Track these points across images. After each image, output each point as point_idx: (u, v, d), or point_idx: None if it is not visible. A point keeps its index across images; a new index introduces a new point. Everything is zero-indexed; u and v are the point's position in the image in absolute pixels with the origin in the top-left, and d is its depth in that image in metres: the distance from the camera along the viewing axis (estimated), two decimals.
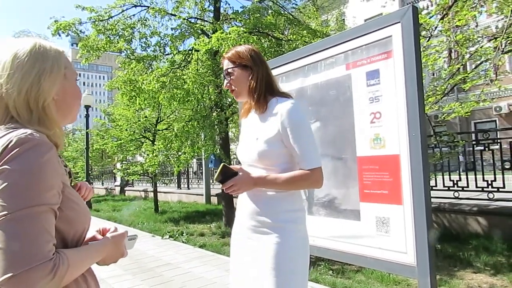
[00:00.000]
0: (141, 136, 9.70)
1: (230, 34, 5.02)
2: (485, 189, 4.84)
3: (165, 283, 3.82)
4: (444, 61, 5.66)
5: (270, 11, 6.76)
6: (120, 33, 6.38)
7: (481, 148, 4.99)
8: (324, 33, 7.20)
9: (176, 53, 6.31)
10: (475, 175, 4.99)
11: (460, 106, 5.58)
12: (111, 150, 9.64)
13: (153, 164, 7.72)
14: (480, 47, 4.94)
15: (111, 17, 6.45)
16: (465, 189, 5.13)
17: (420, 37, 1.94)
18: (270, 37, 6.38)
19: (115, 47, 6.45)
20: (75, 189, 0.93)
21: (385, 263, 1.97)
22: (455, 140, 5.46)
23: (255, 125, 1.55)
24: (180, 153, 6.88)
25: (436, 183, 5.35)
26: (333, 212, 2.28)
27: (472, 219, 4.94)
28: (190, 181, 13.35)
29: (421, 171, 1.79)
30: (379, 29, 1.97)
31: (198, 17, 7.08)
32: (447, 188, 5.26)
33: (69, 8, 7.01)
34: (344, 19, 16.28)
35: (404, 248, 1.87)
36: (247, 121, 1.65)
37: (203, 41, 5.45)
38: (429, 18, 4.75)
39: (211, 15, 7.01)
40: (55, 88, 0.88)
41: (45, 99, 0.85)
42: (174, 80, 5.87)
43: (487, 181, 4.82)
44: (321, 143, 2.30)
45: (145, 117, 9.56)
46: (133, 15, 6.65)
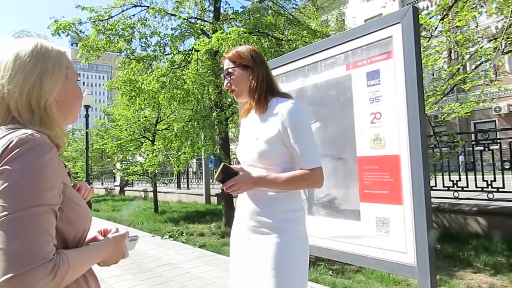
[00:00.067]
0: (141, 136, 9.70)
1: (230, 34, 5.02)
2: (484, 189, 4.84)
3: (165, 283, 3.82)
4: (444, 62, 5.67)
5: (270, 11, 6.76)
6: (120, 33, 6.37)
7: (481, 148, 4.99)
8: (324, 33, 7.20)
9: (176, 53, 6.31)
10: (475, 175, 4.99)
11: (460, 106, 5.58)
12: (111, 150, 9.64)
13: (153, 164, 7.72)
14: (480, 48, 4.95)
15: (111, 17, 6.45)
16: (464, 189, 5.14)
17: (420, 37, 1.94)
18: (270, 37, 6.38)
19: (115, 47, 6.45)
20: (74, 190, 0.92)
21: (385, 263, 1.97)
22: (454, 140, 5.47)
23: (255, 125, 1.55)
24: (180, 153, 6.88)
25: (436, 183, 5.35)
26: (333, 212, 2.28)
27: (472, 219, 4.95)
28: (189, 181, 13.36)
29: (421, 171, 1.80)
30: (380, 30, 1.98)
31: (198, 17, 7.08)
32: (447, 188, 5.27)
33: (69, 8, 7.00)
34: (344, 19, 16.27)
35: (404, 248, 1.87)
36: (247, 121, 1.64)
37: (203, 41, 5.45)
38: (429, 18, 4.76)
39: (211, 15, 7.01)
40: (57, 88, 0.88)
41: (47, 100, 0.85)
42: (174, 80, 5.87)
43: (487, 181, 4.82)
44: (321, 143, 2.30)
45: (145, 117, 9.56)
46: (133, 15, 6.65)
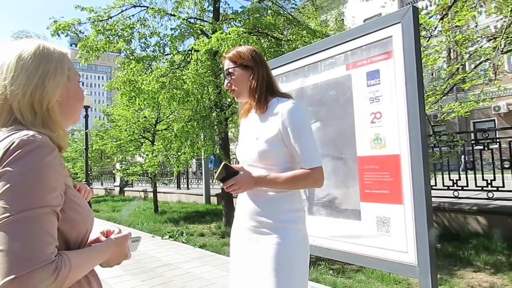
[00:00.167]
0: (140, 136, 9.70)
1: (229, 34, 5.02)
2: (484, 188, 4.85)
3: (165, 284, 3.82)
4: (443, 61, 5.67)
5: (269, 11, 6.75)
6: (119, 33, 6.37)
7: (481, 147, 5.00)
8: (323, 33, 7.21)
9: (175, 54, 6.30)
10: (475, 174, 5.00)
11: (459, 106, 5.59)
12: (111, 150, 9.64)
13: (152, 164, 7.72)
14: (479, 47, 4.95)
15: (111, 18, 6.44)
16: (464, 188, 5.15)
17: (420, 37, 1.94)
18: (269, 37, 6.38)
19: (114, 47, 6.45)
20: None
21: (386, 262, 1.97)
22: (454, 139, 5.47)
23: (255, 125, 1.55)
24: (179, 153, 6.88)
25: (435, 183, 5.35)
26: (334, 212, 2.28)
27: (472, 218, 4.95)
28: (189, 181, 13.35)
29: (421, 171, 1.80)
30: (380, 30, 1.98)
31: (197, 17, 7.08)
32: (446, 187, 5.28)
33: (68, 8, 6.99)
34: (343, 19, 16.29)
35: (405, 247, 1.88)
36: (247, 122, 1.64)
37: (202, 41, 5.45)
38: (429, 18, 4.76)
39: (211, 15, 7.01)
40: (59, 90, 0.88)
41: (49, 101, 0.85)
42: (173, 80, 5.87)
43: (487, 180, 4.83)
44: (321, 143, 2.30)
45: (145, 117, 9.56)
46: (133, 15, 6.65)
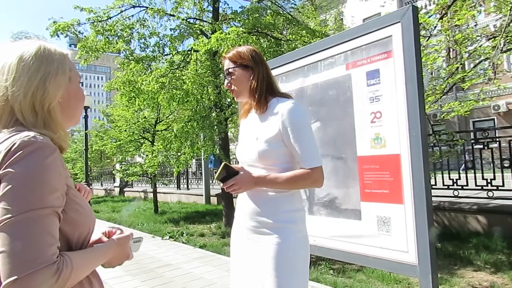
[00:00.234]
0: (140, 136, 9.69)
1: (229, 34, 5.02)
2: (484, 187, 4.85)
3: (165, 284, 3.82)
4: (443, 60, 5.68)
5: (269, 11, 6.76)
6: (119, 34, 6.36)
7: (480, 146, 5.00)
8: (323, 33, 7.21)
9: (175, 54, 6.30)
10: (475, 173, 5.00)
11: (459, 105, 5.59)
12: (110, 151, 9.64)
13: (152, 165, 7.72)
14: (479, 46, 4.95)
15: (110, 18, 6.44)
16: (464, 187, 5.15)
17: (420, 36, 1.94)
18: (269, 37, 6.38)
19: (114, 47, 6.44)
20: None
21: (386, 262, 1.97)
22: (454, 139, 5.48)
23: (255, 125, 1.55)
24: (179, 154, 6.88)
25: (435, 182, 5.36)
26: (334, 211, 2.28)
27: (472, 218, 4.96)
28: (189, 181, 13.35)
29: (421, 170, 1.80)
30: (379, 29, 1.98)
31: (197, 18, 7.08)
32: (446, 186, 5.28)
33: (68, 8, 6.98)
34: (342, 19, 16.30)
35: (405, 247, 1.88)
36: (247, 122, 1.64)
37: (202, 41, 5.45)
38: (428, 17, 4.76)
39: (210, 15, 7.01)
40: (61, 91, 0.88)
41: (51, 102, 0.85)
42: (173, 80, 5.87)
43: (487, 179, 4.83)
44: (321, 143, 2.30)
45: (144, 117, 9.55)
46: (132, 16, 6.64)
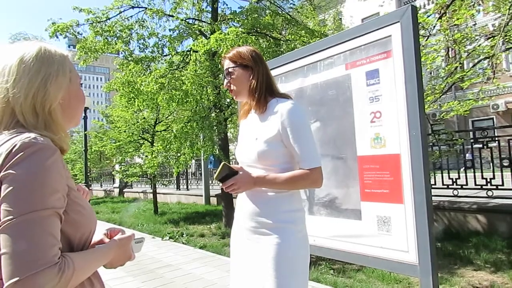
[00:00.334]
0: (139, 137, 9.68)
1: (228, 34, 5.02)
2: (484, 186, 4.86)
3: (166, 285, 3.82)
4: (442, 60, 5.68)
5: (267, 11, 6.76)
6: (117, 35, 6.36)
7: (480, 146, 5.01)
8: (322, 32, 7.21)
9: (174, 54, 6.30)
10: (474, 173, 5.01)
11: (458, 104, 5.60)
12: (110, 151, 9.63)
13: (152, 165, 7.71)
14: (478, 46, 4.96)
15: (109, 19, 6.43)
16: (464, 187, 5.16)
17: (419, 36, 1.94)
18: (268, 38, 6.38)
19: (113, 48, 6.44)
20: None
21: (386, 262, 1.97)
22: (453, 138, 5.48)
23: (255, 125, 1.55)
24: (179, 154, 6.87)
25: (435, 181, 5.36)
26: (334, 211, 2.28)
27: (471, 217, 4.96)
28: (189, 182, 13.34)
29: (421, 170, 1.80)
30: (379, 29, 1.98)
31: (196, 18, 7.07)
32: (446, 186, 5.28)
33: (67, 9, 6.97)
34: (341, 19, 16.31)
35: (405, 247, 1.88)
36: (246, 122, 1.64)
37: (201, 42, 5.45)
38: (427, 17, 4.77)
39: (209, 15, 7.01)
40: (61, 92, 0.88)
41: (52, 104, 0.85)
42: (172, 81, 5.87)
43: (486, 178, 4.84)
44: (321, 143, 2.31)
45: (144, 118, 9.54)
46: (131, 17, 6.63)
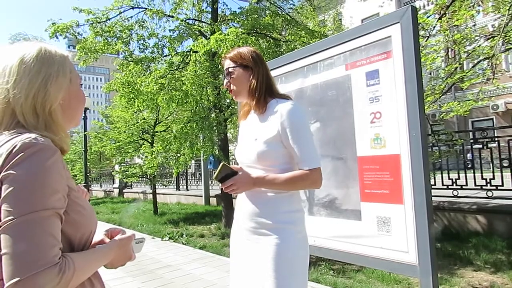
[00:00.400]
0: (139, 138, 9.68)
1: (228, 35, 5.02)
2: (483, 187, 4.86)
3: (165, 285, 3.82)
4: (442, 60, 5.69)
5: (267, 12, 6.77)
6: (117, 35, 6.36)
7: (479, 146, 5.01)
8: (322, 33, 7.22)
9: (174, 55, 6.30)
10: (474, 173, 5.01)
11: (458, 105, 5.60)
12: (110, 152, 9.62)
13: (152, 166, 7.71)
14: (477, 46, 4.96)
15: (109, 19, 6.43)
16: (464, 187, 5.16)
17: (419, 37, 1.95)
18: (268, 38, 6.39)
19: (113, 49, 6.44)
20: None
21: (386, 262, 1.97)
22: (453, 138, 5.49)
23: (254, 126, 1.55)
24: (179, 155, 6.87)
25: (435, 182, 5.36)
26: (334, 212, 2.28)
27: (471, 217, 4.96)
28: (189, 182, 13.34)
29: (421, 171, 1.80)
30: (379, 30, 1.98)
31: (196, 19, 7.08)
32: (446, 186, 5.28)
33: (67, 9, 6.96)
34: (341, 19, 16.32)
35: (405, 247, 1.88)
36: (246, 123, 1.65)
37: (201, 42, 5.45)
38: (427, 17, 4.77)
39: (209, 16, 7.01)
40: (62, 92, 0.88)
41: (52, 104, 0.85)
42: (172, 81, 5.87)
43: (486, 179, 4.84)
44: (321, 143, 2.31)
45: (144, 118, 9.54)
46: (131, 17, 6.64)
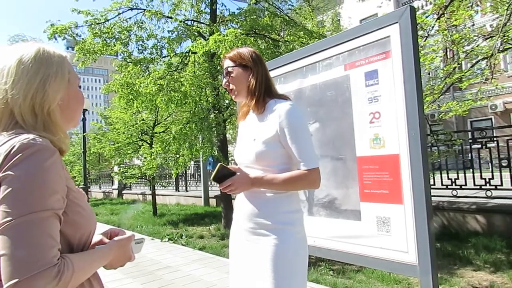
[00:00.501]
0: (138, 139, 9.66)
1: (227, 36, 5.03)
2: (483, 187, 4.86)
3: (165, 286, 3.81)
4: (440, 61, 5.70)
5: (266, 13, 6.77)
6: (116, 36, 6.37)
7: (478, 146, 5.02)
8: (320, 34, 7.22)
9: (173, 56, 6.30)
10: (473, 173, 5.01)
11: (457, 105, 5.61)
12: (109, 153, 9.60)
13: (151, 167, 7.70)
14: (476, 46, 4.97)
15: (107, 20, 6.44)
16: (463, 187, 5.16)
17: (417, 37, 1.95)
18: (267, 39, 6.39)
19: (111, 50, 6.44)
20: None
21: (386, 262, 1.97)
22: (452, 138, 5.49)
23: (253, 126, 1.56)
24: (178, 156, 6.87)
25: (434, 182, 5.37)
26: (334, 212, 2.28)
27: (470, 217, 4.97)
28: (188, 183, 13.33)
29: (421, 170, 1.80)
30: (377, 30, 1.98)
31: (194, 20, 7.08)
32: (445, 186, 5.29)
33: (65, 11, 6.97)
34: (339, 20, 16.35)
35: (405, 247, 1.88)
36: (245, 124, 1.65)
37: (200, 43, 5.45)
38: (426, 17, 4.78)
39: (208, 17, 7.02)
40: (60, 93, 0.88)
41: (50, 105, 0.85)
42: (171, 82, 5.87)
43: (485, 179, 4.85)
44: (320, 144, 2.31)
45: (142, 120, 9.52)
46: (129, 18, 6.65)
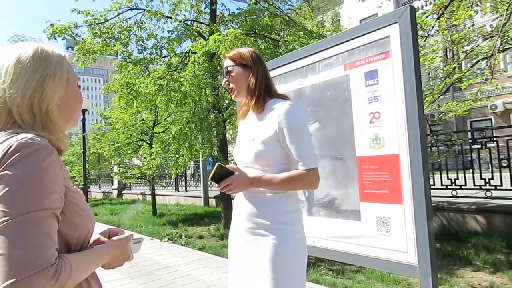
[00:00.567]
0: (138, 139, 9.66)
1: (227, 36, 5.02)
2: (482, 187, 4.86)
3: (164, 286, 3.80)
4: (440, 61, 5.70)
5: (266, 13, 6.77)
6: (116, 36, 6.37)
7: (478, 146, 5.01)
8: (320, 34, 7.22)
9: (173, 56, 6.30)
10: (473, 173, 5.01)
11: (457, 105, 5.61)
12: (108, 153, 9.60)
13: (150, 167, 7.70)
14: (476, 46, 4.97)
15: (107, 20, 6.44)
16: (463, 187, 5.16)
17: (417, 37, 1.95)
18: (266, 39, 6.39)
19: (111, 50, 6.44)
20: None
21: (386, 263, 1.97)
22: (452, 139, 5.49)
23: (252, 125, 1.56)
24: (178, 156, 6.86)
25: (434, 182, 5.36)
26: (333, 212, 2.27)
27: (470, 218, 4.96)
28: (188, 183, 13.33)
29: (421, 170, 1.79)
30: (377, 30, 1.98)
31: (194, 20, 7.08)
32: (445, 187, 5.29)
33: (64, 11, 6.96)
34: (339, 20, 16.35)
35: (405, 247, 1.87)
36: (244, 124, 1.65)
37: (200, 43, 5.45)
38: (426, 17, 4.78)
39: (207, 17, 7.01)
40: (59, 92, 0.88)
41: (49, 104, 0.85)
42: (171, 82, 5.87)
43: (485, 179, 4.84)
44: (320, 143, 2.30)
45: (142, 120, 9.52)
46: (129, 18, 6.64)
